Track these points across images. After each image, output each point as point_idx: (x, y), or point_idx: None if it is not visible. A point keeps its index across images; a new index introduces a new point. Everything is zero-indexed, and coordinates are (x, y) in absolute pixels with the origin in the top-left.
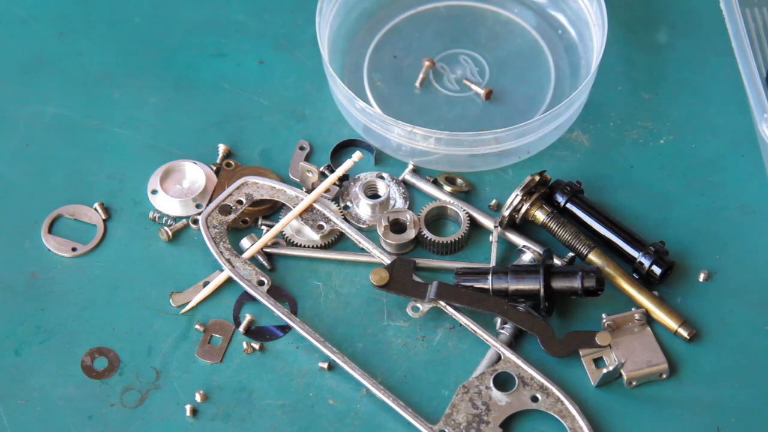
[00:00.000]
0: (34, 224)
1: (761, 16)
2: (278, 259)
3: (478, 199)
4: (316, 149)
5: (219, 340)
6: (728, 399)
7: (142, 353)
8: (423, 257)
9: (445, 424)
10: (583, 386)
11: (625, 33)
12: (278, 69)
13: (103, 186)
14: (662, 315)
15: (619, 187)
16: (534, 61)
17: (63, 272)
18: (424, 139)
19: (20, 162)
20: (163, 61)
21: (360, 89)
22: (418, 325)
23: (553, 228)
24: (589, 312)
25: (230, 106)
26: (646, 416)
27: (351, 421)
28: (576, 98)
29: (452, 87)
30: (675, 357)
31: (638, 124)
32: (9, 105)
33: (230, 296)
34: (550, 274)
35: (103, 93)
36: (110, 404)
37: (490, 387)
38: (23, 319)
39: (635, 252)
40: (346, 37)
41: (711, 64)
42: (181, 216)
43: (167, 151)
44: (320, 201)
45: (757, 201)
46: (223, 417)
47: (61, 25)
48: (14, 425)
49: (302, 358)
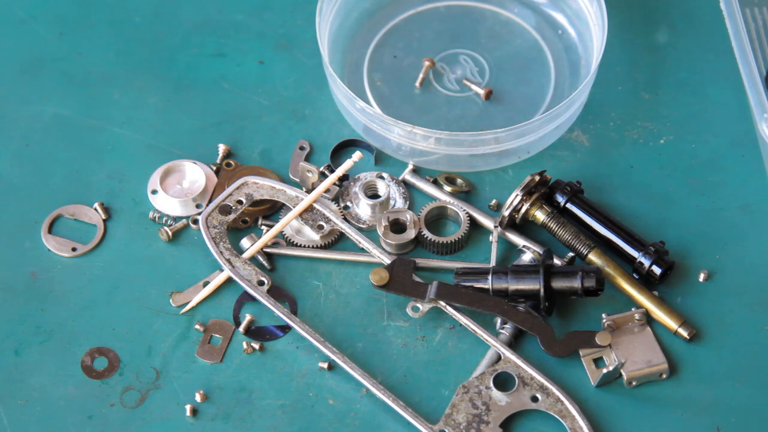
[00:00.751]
0: (34, 224)
1: (761, 16)
2: (278, 259)
3: (478, 199)
4: (316, 149)
5: (219, 340)
6: (728, 399)
7: (142, 353)
8: (423, 257)
9: (445, 424)
10: (583, 386)
11: (625, 33)
12: (278, 69)
13: (103, 186)
14: (662, 315)
15: (619, 187)
16: (534, 61)
17: (63, 272)
18: (424, 139)
19: (20, 162)
20: (163, 61)
21: (360, 89)
22: (418, 325)
23: (553, 228)
24: (589, 312)
25: (230, 106)
26: (646, 416)
27: (351, 421)
28: (576, 98)
29: (452, 87)
30: (675, 357)
31: (638, 124)
32: (9, 105)
33: (230, 296)
34: (550, 274)
35: (103, 93)
36: (110, 404)
37: (490, 387)
38: (23, 319)
39: (635, 252)
40: (346, 37)
41: (711, 64)
42: (181, 216)
43: (167, 151)
44: (320, 201)
45: (757, 201)
46: (223, 417)
47: (61, 25)
48: (14, 425)
49: (302, 358)
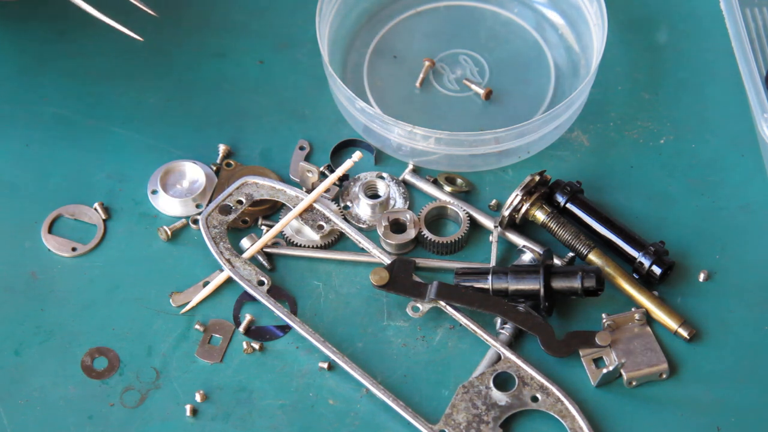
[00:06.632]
0: (34, 224)
1: (761, 16)
2: (278, 259)
3: (478, 199)
4: (316, 149)
5: (219, 340)
6: (728, 399)
7: (142, 353)
8: (423, 257)
9: (445, 424)
10: (583, 386)
11: (625, 33)
12: (278, 69)
13: (103, 186)
14: (662, 315)
15: (619, 187)
16: (534, 61)
17: (63, 272)
18: (424, 139)
19: (20, 162)
20: (163, 61)
21: (360, 89)
22: (418, 325)
23: (553, 228)
24: (589, 312)
25: (230, 106)
26: (646, 416)
27: (351, 421)
28: (576, 98)
29: (452, 87)
30: (675, 357)
31: (638, 124)
32: (9, 105)
33: (230, 296)
34: (550, 274)
35: (103, 93)
36: (110, 404)
37: (490, 387)
38: (23, 319)
39: (635, 252)
40: (346, 37)
41: (711, 64)
42: (180, 216)
43: (167, 151)
44: (320, 201)
45: (757, 201)
46: (223, 417)
47: (61, 25)
48: (14, 425)
49: (302, 358)
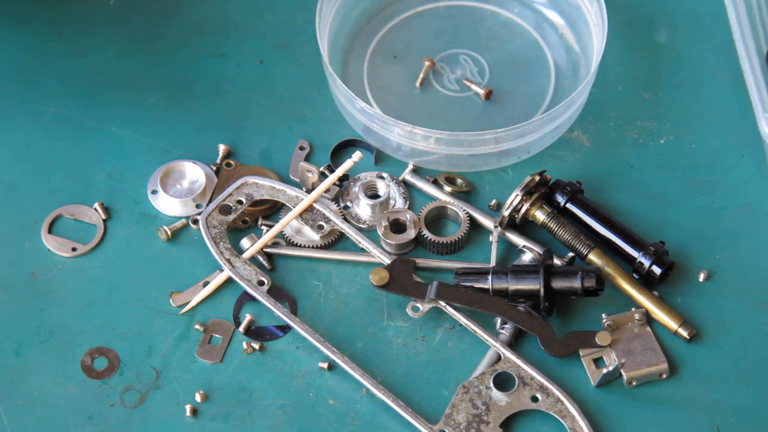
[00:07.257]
0: (34, 224)
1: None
2: (278, 259)
3: (478, 199)
4: (316, 149)
5: (219, 340)
6: (728, 399)
7: (142, 353)
8: (423, 257)
9: (445, 424)
10: (583, 386)
11: (625, 33)
12: (278, 69)
13: (103, 186)
14: (662, 315)
15: (619, 187)
16: (534, 61)
17: (63, 272)
18: (424, 139)
19: (20, 162)
20: (163, 61)
21: (360, 89)
22: (418, 325)
23: (553, 228)
24: (589, 312)
25: (230, 106)
26: (646, 416)
27: (351, 421)
28: (576, 98)
29: (452, 87)
30: (675, 357)
31: (638, 124)
32: (9, 105)
33: (230, 296)
34: (550, 274)
35: (103, 93)
36: (110, 404)
37: (490, 387)
38: (23, 319)
39: (635, 252)
40: (346, 37)
41: (711, 64)
42: (180, 216)
43: (167, 151)
44: (320, 201)
45: (757, 201)
46: (223, 417)
47: (61, 25)
48: (14, 425)
49: (302, 358)
